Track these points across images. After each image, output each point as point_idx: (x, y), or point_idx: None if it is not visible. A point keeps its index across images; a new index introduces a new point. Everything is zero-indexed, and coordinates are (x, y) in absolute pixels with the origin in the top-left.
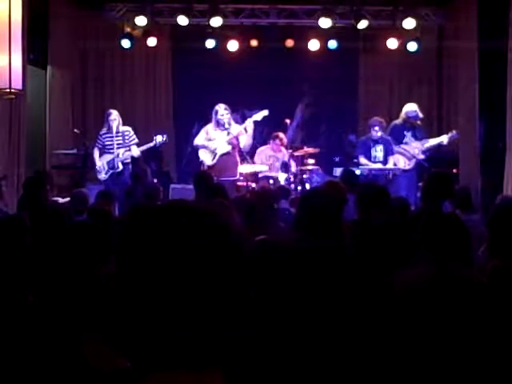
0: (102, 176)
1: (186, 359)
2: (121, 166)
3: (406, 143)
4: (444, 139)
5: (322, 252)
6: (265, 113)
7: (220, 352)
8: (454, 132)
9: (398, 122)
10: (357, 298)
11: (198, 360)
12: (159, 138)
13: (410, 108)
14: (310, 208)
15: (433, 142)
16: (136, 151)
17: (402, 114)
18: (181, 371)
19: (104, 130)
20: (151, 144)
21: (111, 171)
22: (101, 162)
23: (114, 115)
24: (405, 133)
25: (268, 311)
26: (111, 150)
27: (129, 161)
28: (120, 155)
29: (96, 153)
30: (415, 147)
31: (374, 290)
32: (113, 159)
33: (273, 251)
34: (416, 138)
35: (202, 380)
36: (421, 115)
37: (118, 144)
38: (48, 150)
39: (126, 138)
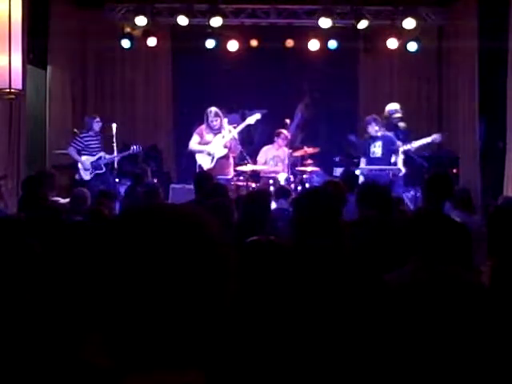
0: (87, 176)
1: (168, 359)
2: (103, 168)
3: None
4: (427, 140)
5: (317, 252)
6: (257, 116)
7: (202, 353)
8: (438, 135)
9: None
10: (351, 299)
11: (179, 360)
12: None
13: (391, 106)
14: (303, 208)
15: (417, 143)
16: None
17: (385, 113)
18: (162, 371)
19: (84, 133)
20: (131, 150)
21: (95, 172)
22: (87, 161)
23: (99, 118)
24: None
25: (258, 312)
26: (94, 152)
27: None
28: (103, 157)
29: (74, 152)
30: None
31: (370, 290)
32: (97, 160)
33: (264, 251)
34: (398, 139)
35: (183, 380)
36: (399, 114)
37: (101, 146)
38: (48, 149)
39: (101, 142)
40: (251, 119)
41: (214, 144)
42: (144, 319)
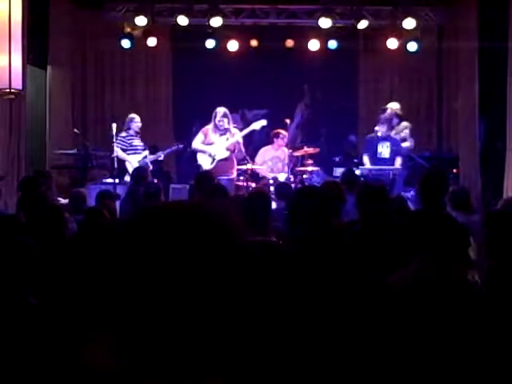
0: None
1: (186, 368)
2: (151, 166)
3: None
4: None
5: (313, 252)
6: (263, 122)
7: (221, 361)
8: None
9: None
10: (352, 299)
11: (197, 369)
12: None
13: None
14: (294, 205)
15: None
16: (161, 155)
17: (396, 110)
18: (179, 380)
19: (124, 133)
20: (174, 148)
21: None
22: (135, 160)
23: (138, 119)
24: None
25: (265, 315)
26: (139, 151)
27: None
28: (148, 156)
29: (121, 152)
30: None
31: (370, 290)
32: (143, 159)
33: (271, 253)
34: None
35: None
36: (393, 114)
37: (143, 145)
38: (48, 149)
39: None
40: (256, 125)
41: (216, 145)
42: (159, 324)
